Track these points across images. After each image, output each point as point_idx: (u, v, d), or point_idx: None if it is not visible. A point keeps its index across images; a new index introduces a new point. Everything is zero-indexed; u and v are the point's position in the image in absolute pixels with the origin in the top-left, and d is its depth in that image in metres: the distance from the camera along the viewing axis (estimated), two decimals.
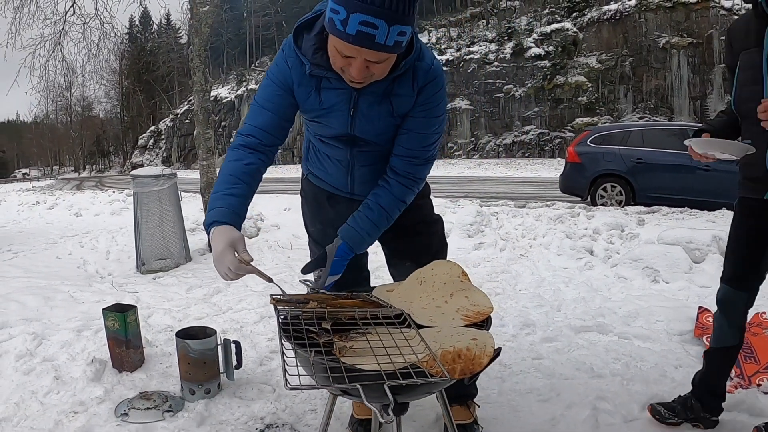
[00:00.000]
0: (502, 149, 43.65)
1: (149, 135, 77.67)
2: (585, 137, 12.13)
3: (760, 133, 2.37)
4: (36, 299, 5.06)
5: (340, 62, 1.81)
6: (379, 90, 1.99)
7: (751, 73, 2.43)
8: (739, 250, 2.63)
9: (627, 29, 40.34)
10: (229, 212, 1.90)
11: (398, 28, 1.69)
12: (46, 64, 10.59)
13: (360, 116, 2.05)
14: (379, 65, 1.81)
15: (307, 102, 2.07)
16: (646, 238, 6.31)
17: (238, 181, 2.00)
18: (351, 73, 1.81)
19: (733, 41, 2.56)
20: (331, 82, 1.99)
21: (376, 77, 1.88)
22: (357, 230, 2.14)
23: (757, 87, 2.39)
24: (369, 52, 1.73)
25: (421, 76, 2.02)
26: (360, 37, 1.68)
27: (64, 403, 3.06)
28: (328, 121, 2.10)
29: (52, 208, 14.12)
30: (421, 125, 2.10)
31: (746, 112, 2.46)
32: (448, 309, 1.81)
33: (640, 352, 3.64)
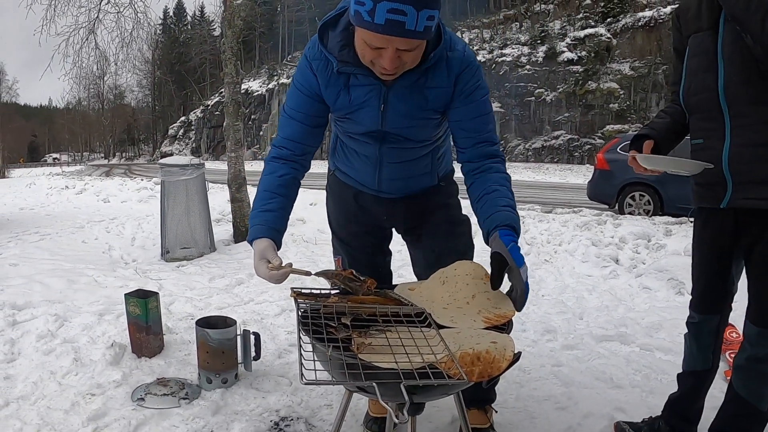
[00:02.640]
0: (531, 153, 43.42)
1: (179, 125, 78.48)
2: (615, 144, 11.99)
3: (713, 130, 2.17)
4: (60, 282, 5.14)
5: (370, 55, 1.78)
6: (409, 83, 1.95)
7: (702, 60, 2.18)
8: (704, 269, 2.41)
9: (661, 37, 39.82)
10: (265, 228, 1.96)
11: (427, 12, 1.65)
12: (79, 51, 10.72)
13: (391, 111, 2.02)
14: (411, 53, 1.77)
15: (337, 102, 2.05)
16: (672, 249, 6.20)
17: (274, 195, 2.03)
18: (383, 65, 1.77)
19: (682, 23, 2.30)
20: (359, 78, 1.96)
21: (408, 66, 1.84)
22: (504, 208, 2.00)
23: (708, 75, 2.14)
24: (400, 40, 1.69)
25: (455, 66, 1.98)
26: (390, 25, 1.64)
27: (82, 385, 3.10)
28: (359, 117, 2.07)
29: (81, 193, 14.30)
30: (473, 110, 2.06)
31: (695, 106, 2.24)
32: (470, 310, 1.78)
33: (662, 365, 3.57)
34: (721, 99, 2.11)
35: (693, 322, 2.49)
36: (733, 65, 2.07)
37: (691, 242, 2.47)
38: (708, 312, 2.43)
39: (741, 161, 2.11)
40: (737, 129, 2.10)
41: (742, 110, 2.08)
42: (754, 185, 2.10)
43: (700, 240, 2.41)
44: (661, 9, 40.90)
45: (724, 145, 2.14)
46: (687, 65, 2.25)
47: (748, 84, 2.04)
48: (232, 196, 7.50)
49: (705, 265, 2.40)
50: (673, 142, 2.42)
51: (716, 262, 2.35)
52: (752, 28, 1.94)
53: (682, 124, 2.39)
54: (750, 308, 2.27)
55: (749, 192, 2.12)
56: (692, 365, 2.52)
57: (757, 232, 2.17)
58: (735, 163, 2.12)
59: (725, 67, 2.09)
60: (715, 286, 2.39)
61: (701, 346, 2.48)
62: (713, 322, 2.44)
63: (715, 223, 2.31)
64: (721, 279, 2.37)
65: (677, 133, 2.42)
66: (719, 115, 2.13)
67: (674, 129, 2.41)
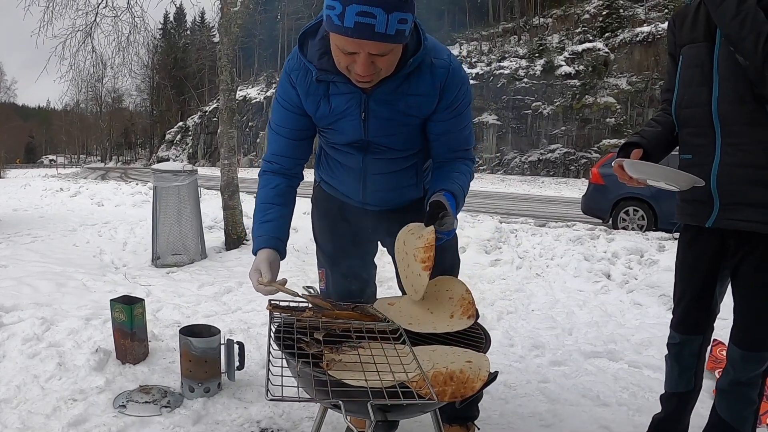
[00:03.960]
0: (527, 166, 43.44)
1: (177, 130, 78.47)
2: (610, 159, 11.99)
3: (704, 146, 2.13)
4: (49, 284, 5.13)
5: (344, 61, 1.76)
6: (389, 90, 1.93)
7: (696, 73, 2.14)
8: (687, 288, 2.37)
9: (659, 52, 39.90)
10: (265, 239, 2.00)
11: (398, 15, 1.63)
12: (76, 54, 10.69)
13: (372, 118, 2.00)
14: (384, 58, 1.74)
15: (318, 111, 2.03)
16: (665, 265, 6.18)
17: (271, 206, 2.08)
18: (357, 71, 1.75)
19: (677, 30, 2.26)
20: (338, 87, 1.95)
21: (384, 73, 1.82)
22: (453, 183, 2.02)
23: (702, 90, 2.10)
24: (370, 44, 1.66)
25: (440, 74, 1.96)
26: (359, 28, 1.62)
27: (65, 390, 3.08)
28: (341, 127, 2.06)
29: (75, 195, 14.28)
30: (453, 125, 2.06)
31: (687, 120, 2.19)
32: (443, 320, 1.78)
33: (650, 383, 3.55)
34: (714, 115, 2.08)
35: (674, 342, 2.45)
36: (728, 82, 2.04)
37: (675, 260, 2.44)
38: (689, 332, 2.39)
39: (730, 181, 2.08)
40: (728, 148, 2.07)
41: (735, 129, 2.05)
42: (742, 207, 2.08)
43: (684, 258, 2.38)
44: (659, 24, 40.98)
45: (714, 163, 2.10)
46: (680, 76, 2.22)
47: (742, 102, 2.01)
48: (224, 203, 7.48)
49: (688, 285, 2.37)
50: (662, 152, 2.36)
51: (700, 281, 2.32)
52: (745, 49, 1.92)
53: (673, 134, 2.35)
54: (734, 330, 2.25)
55: (736, 213, 2.09)
56: (674, 387, 2.49)
57: (744, 253, 2.15)
58: (723, 183, 2.10)
59: (720, 83, 2.05)
60: (698, 306, 2.36)
61: (683, 368, 2.44)
62: (695, 344, 2.40)
63: (700, 242, 2.28)
64: (703, 299, 2.34)
65: (668, 143, 2.37)
66: (711, 132, 2.10)
67: (664, 140, 2.36)
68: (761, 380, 2.25)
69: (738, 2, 1.94)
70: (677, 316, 2.43)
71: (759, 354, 2.19)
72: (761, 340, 2.18)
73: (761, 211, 2.04)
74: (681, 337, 2.41)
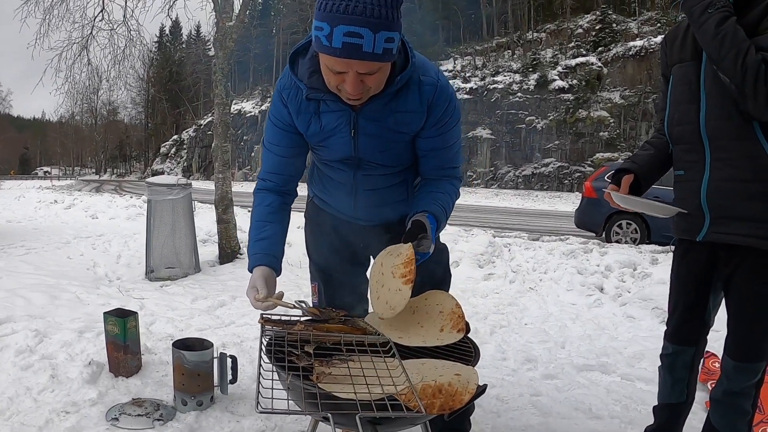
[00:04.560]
0: (521, 180, 43.54)
1: (172, 143, 78.40)
2: (603, 173, 12.04)
3: (694, 162, 2.19)
4: (42, 297, 5.12)
5: (334, 80, 1.79)
6: (378, 107, 1.96)
7: (685, 91, 2.20)
8: (680, 300, 2.42)
9: (652, 66, 40.14)
10: (261, 256, 2.03)
11: (384, 35, 1.67)
12: (71, 66, 10.71)
13: (362, 136, 2.02)
14: (373, 76, 1.77)
15: (309, 129, 2.06)
16: (658, 278, 6.21)
17: (266, 223, 2.10)
18: (347, 90, 1.78)
19: (668, 50, 2.33)
20: (328, 105, 1.98)
21: (373, 91, 1.85)
22: (436, 204, 2.06)
23: (691, 107, 2.16)
24: (358, 63, 1.70)
25: (428, 91, 1.98)
26: (347, 48, 1.66)
27: (57, 402, 3.08)
28: (332, 144, 2.08)
29: (69, 208, 14.25)
30: (440, 143, 2.09)
31: (678, 137, 2.25)
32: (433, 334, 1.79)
33: (642, 395, 3.56)
34: (702, 132, 2.13)
35: (667, 353, 2.48)
36: (715, 99, 2.08)
37: (670, 272, 2.48)
38: (683, 343, 2.43)
39: (719, 196, 2.12)
40: (717, 163, 2.11)
41: (723, 144, 2.09)
42: (732, 221, 2.12)
43: (678, 271, 2.43)
44: (652, 39, 41.28)
45: (704, 178, 2.15)
46: (671, 94, 2.27)
47: (729, 118, 2.05)
48: (218, 217, 7.48)
49: (682, 296, 2.41)
50: (655, 175, 2.43)
51: (693, 293, 2.36)
52: (726, 68, 1.96)
53: (667, 155, 2.40)
54: (727, 341, 2.28)
55: (726, 227, 2.14)
56: (666, 398, 2.52)
57: (735, 265, 2.19)
58: (713, 198, 2.14)
59: (707, 100, 2.10)
60: (691, 317, 2.40)
61: (675, 379, 2.47)
62: (688, 355, 2.44)
63: (692, 255, 2.33)
64: (697, 310, 2.38)
65: (660, 166, 2.43)
66: (700, 148, 2.14)
67: (657, 162, 2.42)
68: (755, 391, 2.28)
69: (718, 22, 1.97)
70: (671, 326, 2.47)
71: (752, 365, 2.22)
72: (754, 351, 2.21)
73: (749, 224, 2.08)
74: (674, 348, 2.45)
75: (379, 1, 1.64)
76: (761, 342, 2.20)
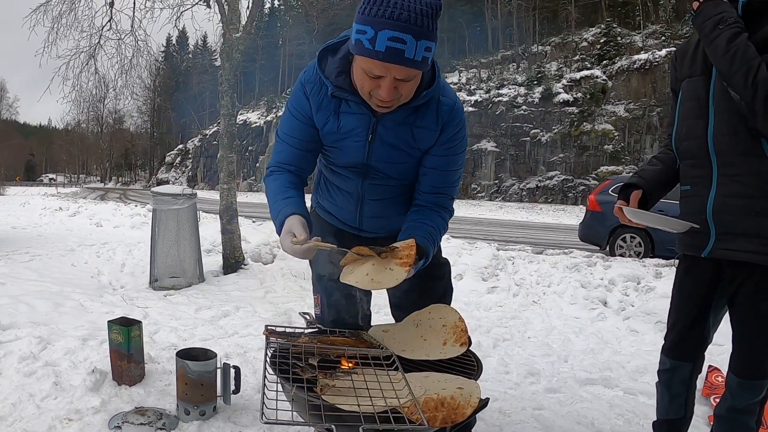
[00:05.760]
0: (525, 193, 43.51)
1: (177, 153, 78.67)
2: (607, 186, 12.04)
3: (701, 177, 2.18)
4: (46, 304, 5.14)
5: (368, 85, 1.83)
6: (399, 118, 2.01)
7: (693, 106, 2.20)
8: (681, 315, 2.40)
9: (656, 79, 40.21)
10: (290, 208, 1.98)
11: (425, 43, 1.73)
12: (79, 75, 10.75)
13: (378, 143, 2.05)
14: (407, 84, 1.83)
15: (325, 127, 2.08)
16: (662, 291, 6.19)
17: (286, 190, 2.07)
18: (381, 94, 1.83)
19: (678, 65, 2.33)
20: (350, 106, 2.01)
21: (403, 99, 1.90)
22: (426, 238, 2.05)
23: (699, 122, 2.15)
24: (398, 69, 1.75)
25: (445, 112, 2.04)
26: (390, 53, 1.71)
27: (60, 409, 3.08)
28: (345, 146, 2.10)
29: (74, 215, 14.30)
30: (444, 163, 2.12)
31: (685, 152, 2.24)
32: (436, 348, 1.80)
33: (645, 409, 3.55)
34: (710, 147, 2.12)
35: (665, 368, 2.47)
36: (723, 114, 2.08)
37: (672, 287, 2.47)
38: (681, 359, 2.42)
39: (725, 212, 2.12)
40: (724, 179, 2.11)
41: (730, 160, 2.09)
42: (737, 237, 2.11)
43: (681, 286, 2.42)
44: (656, 52, 41.37)
45: (710, 194, 2.15)
46: (679, 109, 2.26)
47: (736, 134, 2.05)
48: (223, 227, 7.50)
49: (683, 312, 2.40)
50: (662, 190, 2.43)
51: (695, 309, 2.35)
52: (736, 84, 1.96)
53: (674, 170, 2.39)
54: (732, 358, 2.27)
55: (731, 243, 2.13)
56: (665, 414, 2.52)
57: (740, 282, 2.18)
58: (719, 213, 2.13)
59: (715, 116, 2.10)
60: (690, 333, 2.39)
61: (673, 395, 2.46)
62: (685, 370, 2.43)
63: (696, 271, 2.32)
64: (697, 326, 2.37)
65: (667, 181, 2.43)
66: (707, 163, 2.14)
67: (664, 177, 2.42)
68: (759, 408, 2.27)
69: (729, 38, 1.98)
70: (669, 341, 2.47)
71: (757, 382, 2.21)
72: (759, 369, 2.21)
73: (755, 241, 2.07)
74: (672, 363, 2.44)
75: (422, 11, 1.71)
76: (766, 360, 2.20)
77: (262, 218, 14.50)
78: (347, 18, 11.36)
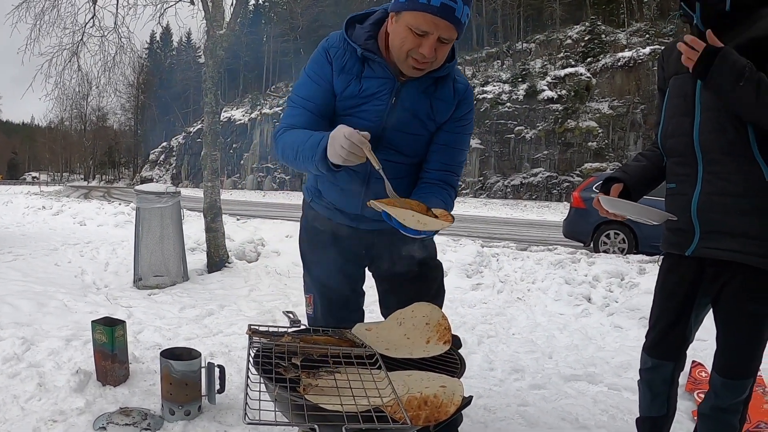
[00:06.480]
0: (510, 190, 43.66)
1: (161, 150, 78.29)
2: (591, 183, 12.08)
3: (686, 175, 2.17)
4: (30, 304, 5.10)
5: (410, 43, 1.93)
6: (421, 86, 2.11)
7: (680, 103, 2.17)
8: (663, 314, 2.39)
9: (640, 77, 40.49)
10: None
11: (467, 9, 1.92)
12: (62, 72, 10.67)
13: (399, 108, 2.11)
14: (444, 47, 1.96)
15: (346, 90, 2.11)
16: (645, 287, 6.24)
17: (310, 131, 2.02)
18: (423, 51, 1.91)
19: (665, 64, 2.31)
20: (374, 70, 2.08)
21: (436, 64, 2.02)
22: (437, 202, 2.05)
23: (685, 120, 2.13)
24: (446, 26, 1.88)
25: (460, 90, 2.19)
26: (444, 9, 1.85)
27: (45, 411, 3.06)
28: (363, 111, 2.12)
29: (57, 214, 14.19)
30: (455, 140, 2.22)
31: (671, 149, 2.22)
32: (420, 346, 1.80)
33: (629, 405, 3.56)
34: (696, 145, 2.10)
35: (646, 367, 2.47)
36: (709, 112, 2.06)
37: (655, 284, 2.46)
38: (662, 357, 2.42)
39: (710, 210, 2.11)
40: (709, 176, 2.10)
41: (716, 158, 2.07)
42: (721, 236, 2.10)
43: (663, 284, 2.41)
44: (641, 50, 41.63)
45: (695, 192, 2.13)
46: (666, 107, 2.25)
47: (723, 132, 2.04)
48: (207, 225, 7.46)
49: (664, 310, 2.39)
50: (646, 187, 2.40)
51: (676, 307, 2.34)
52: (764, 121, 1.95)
53: (660, 168, 2.37)
54: (716, 358, 2.26)
55: (716, 242, 2.12)
56: (647, 412, 2.52)
57: (724, 281, 2.17)
58: (704, 212, 2.12)
59: (702, 113, 2.08)
60: (672, 332, 2.38)
61: (655, 394, 2.46)
62: (667, 369, 2.42)
63: (679, 270, 2.31)
64: (678, 325, 2.36)
65: (652, 178, 2.41)
66: (693, 161, 2.12)
67: (649, 174, 2.40)
68: (743, 407, 2.27)
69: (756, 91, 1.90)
70: (650, 339, 2.46)
71: (740, 382, 2.21)
72: (743, 369, 2.21)
73: (740, 240, 2.06)
74: (653, 362, 2.44)
75: None
76: (749, 360, 2.20)
77: (246, 216, 14.46)
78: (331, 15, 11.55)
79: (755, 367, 2.22)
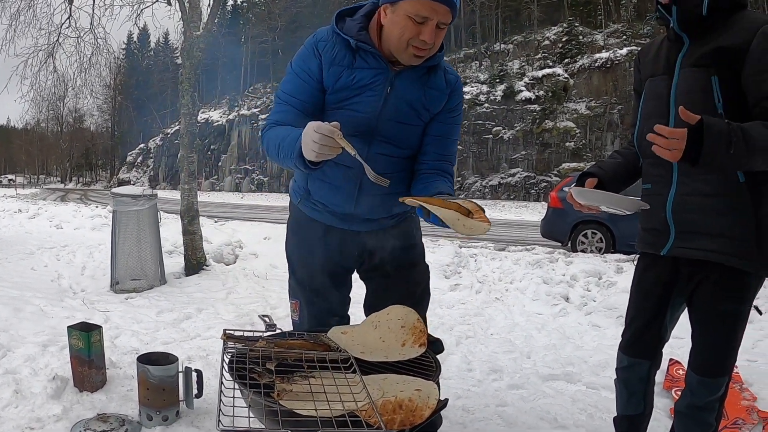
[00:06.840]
0: (488, 190, 43.79)
1: (138, 152, 77.52)
2: (568, 183, 12.14)
3: (661, 176, 2.18)
4: (5, 310, 5.02)
5: (410, 32, 1.97)
6: (414, 76, 2.14)
7: (655, 105, 2.19)
8: (638, 313, 2.40)
9: (617, 77, 40.81)
10: None
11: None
12: (37, 73, 10.58)
13: (394, 98, 2.12)
14: (441, 32, 2.02)
15: (338, 82, 2.10)
16: (623, 286, 6.28)
17: (294, 128, 1.98)
18: (424, 37, 1.97)
19: (641, 65, 2.33)
20: (367, 61, 2.09)
21: (433, 50, 2.07)
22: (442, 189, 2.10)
23: (661, 120, 2.09)
24: (444, 11, 1.95)
25: (452, 80, 2.25)
26: None
27: (21, 418, 3.02)
28: (357, 103, 2.11)
29: (34, 217, 13.97)
30: (448, 130, 2.28)
31: (646, 150, 2.13)
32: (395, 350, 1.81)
33: (607, 404, 3.57)
34: None
35: (622, 366, 2.49)
36: None
37: (630, 284, 2.48)
38: (638, 356, 2.43)
39: (685, 210, 2.12)
40: (684, 177, 2.11)
41: None
42: (696, 236, 2.11)
43: (639, 283, 2.43)
44: (618, 51, 41.96)
45: (670, 193, 2.15)
46: (642, 108, 2.26)
47: None
48: (184, 228, 7.41)
49: (640, 309, 2.41)
50: (621, 183, 2.41)
51: (652, 307, 2.36)
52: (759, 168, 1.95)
53: (635, 166, 2.39)
54: (691, 356, 2.28)
55: (691, 242, 2.13)
56: (624, 410, 2.53)
57: (699, 281, 2.20)
58: (678, 212, 2.14)
59: (676, 115, 2.05)
60: (647, 331, 2.40)
61: (631, 392, 2.48)
62: (643, 368, 2.44)
63: (655, 270, 2.32)
64: (654, 325, 2.37)
65: (627, 175, 2.42)
66: (668, 162, 2.08)
67: (624, 170, 2.41)
68: (719, 404, 2.28)
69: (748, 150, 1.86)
70: (626, 338, 2.48)
71: (715, 380, 2.23)
72: (718, 367, 2.23)
73: (715, 239, 2.08)
74: (629, 360, 2.45)
75: None
76: (725, 358, 2.22)
77: (224, 218, 14.37)
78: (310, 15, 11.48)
79: (730, 365, 2.25)
